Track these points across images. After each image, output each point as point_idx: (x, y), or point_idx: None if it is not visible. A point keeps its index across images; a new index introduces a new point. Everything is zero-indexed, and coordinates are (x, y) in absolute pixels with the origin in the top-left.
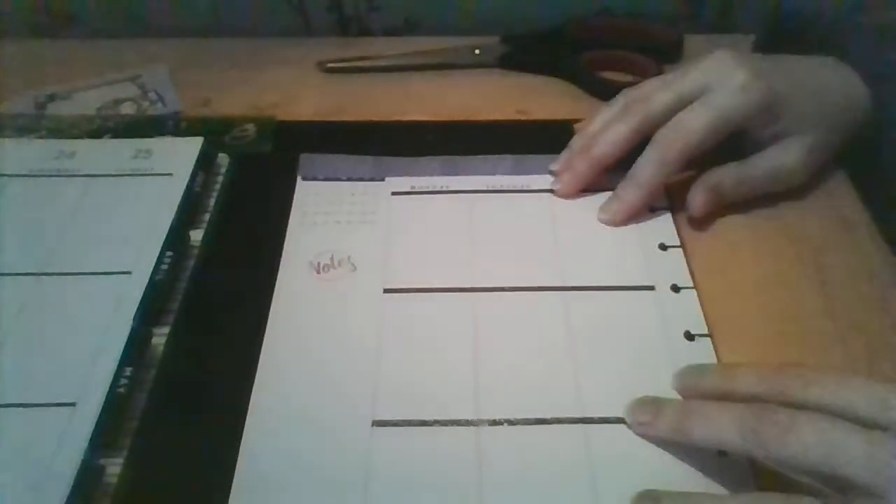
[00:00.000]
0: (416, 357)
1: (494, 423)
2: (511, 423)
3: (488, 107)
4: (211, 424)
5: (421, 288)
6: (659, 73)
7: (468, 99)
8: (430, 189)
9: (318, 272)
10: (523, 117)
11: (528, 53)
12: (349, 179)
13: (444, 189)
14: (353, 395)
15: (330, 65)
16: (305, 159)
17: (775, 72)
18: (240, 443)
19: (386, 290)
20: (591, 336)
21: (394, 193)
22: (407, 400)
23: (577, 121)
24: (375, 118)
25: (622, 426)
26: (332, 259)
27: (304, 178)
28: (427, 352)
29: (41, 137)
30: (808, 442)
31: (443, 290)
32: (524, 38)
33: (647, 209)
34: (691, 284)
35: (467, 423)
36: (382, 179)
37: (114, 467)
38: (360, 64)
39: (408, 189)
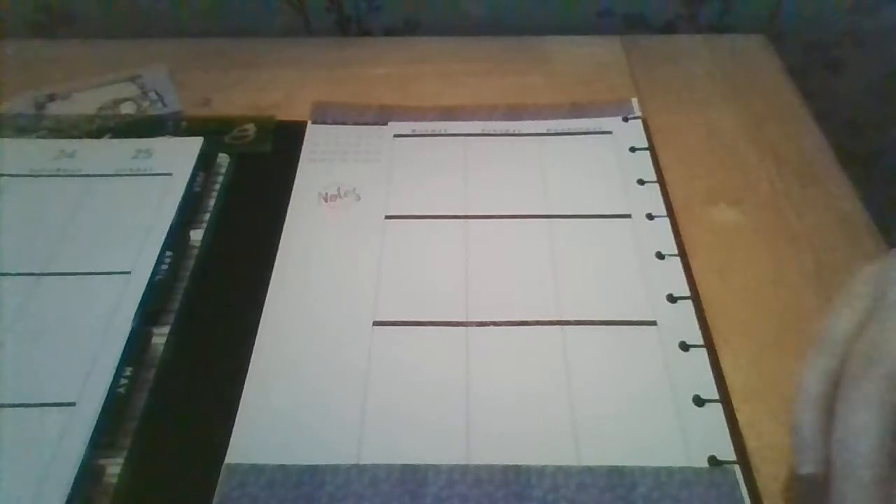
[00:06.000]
0: (414, 269)
1: (482, 324)
2: (496, 324)
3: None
4: (211, 423)
5: (419, 215)
6: None
7: (466, 100)
8: (430, 132)
9: (326, 201)
10: None
11: None
12: (355, 124)
13: (443, 132)
14: (357, 301)
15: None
16: (317, 106)
17: None
18: None
19: (387, 217)
20: (572, 254)
21: (396, 136)
22: (404, 304)
23: None
24: None
25: (594, 327)
26: (338, 190)
27: (314, 122)
28: (423, 265)
29: (41, 137)
30: None
31: (439, 216)
32: None
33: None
34: (664, 213)
35: (457, 324)
36: (385, 124)
37: (114, 467)
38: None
39: (409, 132)
